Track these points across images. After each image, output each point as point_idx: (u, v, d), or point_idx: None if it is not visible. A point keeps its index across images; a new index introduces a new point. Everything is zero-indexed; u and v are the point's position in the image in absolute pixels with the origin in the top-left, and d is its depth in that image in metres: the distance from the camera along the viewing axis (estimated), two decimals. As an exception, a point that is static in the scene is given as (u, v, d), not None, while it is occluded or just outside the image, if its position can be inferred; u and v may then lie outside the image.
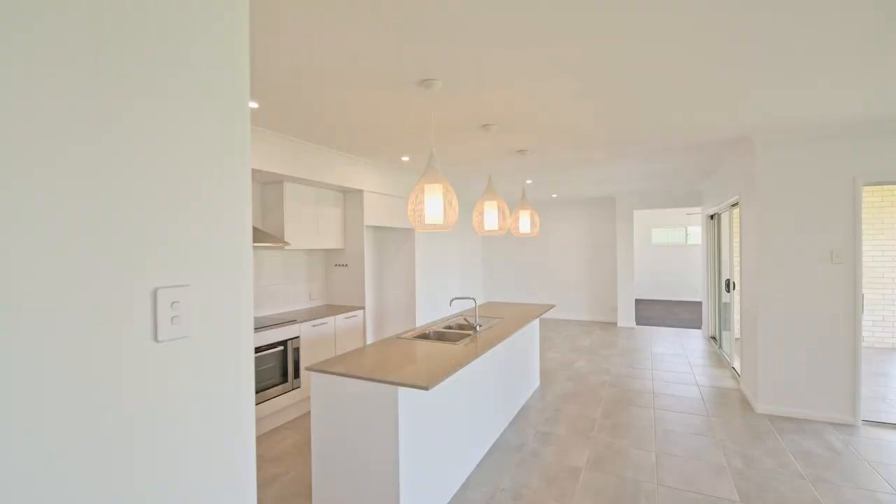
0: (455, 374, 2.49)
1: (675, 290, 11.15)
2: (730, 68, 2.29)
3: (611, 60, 2.20)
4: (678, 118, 3.16)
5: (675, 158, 4.61)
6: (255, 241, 3.44)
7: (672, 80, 2.45)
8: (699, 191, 7.14)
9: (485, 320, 3.68)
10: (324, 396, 2.23)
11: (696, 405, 3.91)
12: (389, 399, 2.04)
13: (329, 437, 2.22)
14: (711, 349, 5.97)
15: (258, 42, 1.97)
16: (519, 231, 4.14)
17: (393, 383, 1.99)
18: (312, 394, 2.27)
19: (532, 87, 2.51)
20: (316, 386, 2.26)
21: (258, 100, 2.71)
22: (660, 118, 3.15)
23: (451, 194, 2.42)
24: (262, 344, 3.39)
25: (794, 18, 1.81)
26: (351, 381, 2.15)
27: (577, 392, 4.26)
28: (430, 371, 2.15)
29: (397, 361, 2.37)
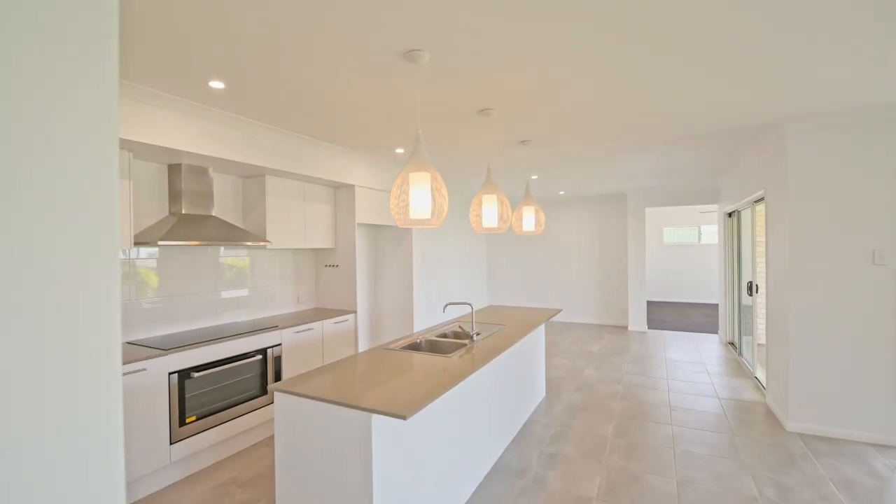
0: (446, 392, 2.15)
1: (688, 291, 10.71)
2: (759, 42, 1.93)
3: (625, 35, 1.85)
4: (700, 101, 2.80)
5: (693, 150, 4.24)
6: (230, 241, 3.13)
7: (694, 55, 2.09)
8: (716, 187, 6.73)
9: (484, 327, 3.34)
10: (289, 419, 1.91)
11: (718, 421, 3.53)
12: (362, 427, 1.71)
13: (295, 466, 1.89)
14: (730, 356, 5.58)
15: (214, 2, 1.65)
16: (522, 229, 3.79)
17: (365, 409, 1.66)
18: (276, 416, 1.95)
19: (536, 63, 2.17)
20: (280, 407, 1.94)
21: (223, 78, 2.39)
22: (680, 102, 2.78)
23: (440, 184, 2.08)
24: (235, 353, 3.07)
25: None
26: (318, 403, 1.82)
27: (587, 404, 3.90)
28: (412, 393, 1.82)
29: (378, 378, 2.04)
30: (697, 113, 3.06)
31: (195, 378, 2.82)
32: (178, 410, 2.74)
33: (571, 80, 2.43)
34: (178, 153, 2.90)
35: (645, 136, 3.66)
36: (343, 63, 2.19)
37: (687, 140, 3.84)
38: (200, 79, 2.38)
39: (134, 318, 3.00)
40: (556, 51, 2.07)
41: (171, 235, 2.83)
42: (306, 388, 1.91)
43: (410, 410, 1.59)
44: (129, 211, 2.70)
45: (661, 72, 2.32)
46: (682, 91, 2.62)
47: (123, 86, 2.44)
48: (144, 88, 2.52)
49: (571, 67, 2.25)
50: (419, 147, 2.06)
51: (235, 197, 3.71)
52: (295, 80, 2.42)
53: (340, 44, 1.99)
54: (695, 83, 2.49)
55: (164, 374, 2.66)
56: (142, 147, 2.69)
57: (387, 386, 1.92)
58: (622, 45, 2.02)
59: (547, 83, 2.46)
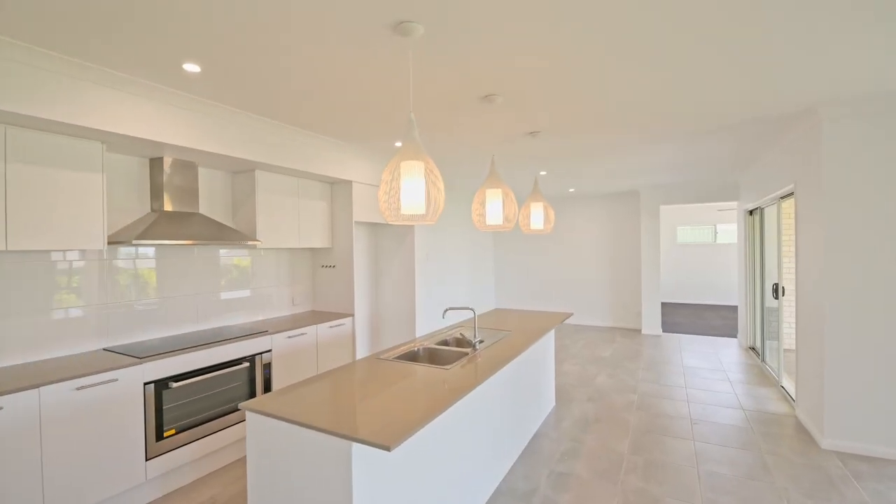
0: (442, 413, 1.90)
1: (704, 293, 10.33)
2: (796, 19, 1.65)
3: (646, 9, 1.59)
4: (727, 86, 2.51)
5: (715, 141, 3.93)
6: (216, 240, 2.91)
7: (723, 32, 1.82)
8: (735, 183, 6.39)
9: (489, 334, 3.08)
10: (262, 442, 1.67)
11: (744, 437, 3.23)
12: (341, 456, 1.47)
13: (267, 495, 1.66)
14: (752, 362, 5.25)
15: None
16: (530, 227, 3.53)
17: (344, 437, 1.41)
18: (248, 437, 1.71)
19: (546, 41, 1.90)
20: (252, 427, 1.70)
21: (198, 61, 2.16)
22: (705, 87, 2.50)
23: (435, 176, 1.83)
24: (220, 361, 2.85)
25: None
26: (292, 426, 1.58)
27: (600, 416, 3.62)
28: (402, 414, 1.57)
29: (366, 395, 1.79)
30: (723, 100, 2.77)
31: (174, 388, 2.60)
32: (156, 424, 2.52)
33: (586, 63, 2.16)
34: (160, 146, 2.69)
35: (664, 126, 3.38)
36: (327, 35, 1.95)
37: (709, 131, 3.55)
38: (173, 61, 2.16)
39: (111, 323, 2.80)
40: (571, 28, 1.80)
41: (150, 234, 2.61)
42: (281, 406, 1.67)
43: (395, 440, 1.34)
44: (101, 207, 2.49)
45: (685, 52, 2.05)
46: (708, 74, 2.34)
47: (94, 71, 2.23)
48: (118, 74, 2.30)
49: (587, 47, 1.99)
50: (412, 133, 1.81)
51: (224, 193, 3.50)
52: (275, 59, 2.18)
53: (322, 12, 1.74)
54: (722, 65, 2.21)
55: (139, 385, 2.45)
56: (118, 138, 2.48)
57: (374, 405, 1.68)
58: (641, 23, 1.75)
59: (558, 66, 2.20)
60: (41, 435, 2.07)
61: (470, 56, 2.12)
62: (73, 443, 2.18)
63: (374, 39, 1.95)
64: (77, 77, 2.18)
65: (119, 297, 2.84)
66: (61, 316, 2.58)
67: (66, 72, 2.14)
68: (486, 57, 2.13)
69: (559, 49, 2.04)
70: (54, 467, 2.11)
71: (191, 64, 2.19)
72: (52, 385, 2.11)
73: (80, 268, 2.67)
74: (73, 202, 2.38)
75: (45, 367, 2.33)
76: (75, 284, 2.64)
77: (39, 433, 2.07)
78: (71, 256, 2.63)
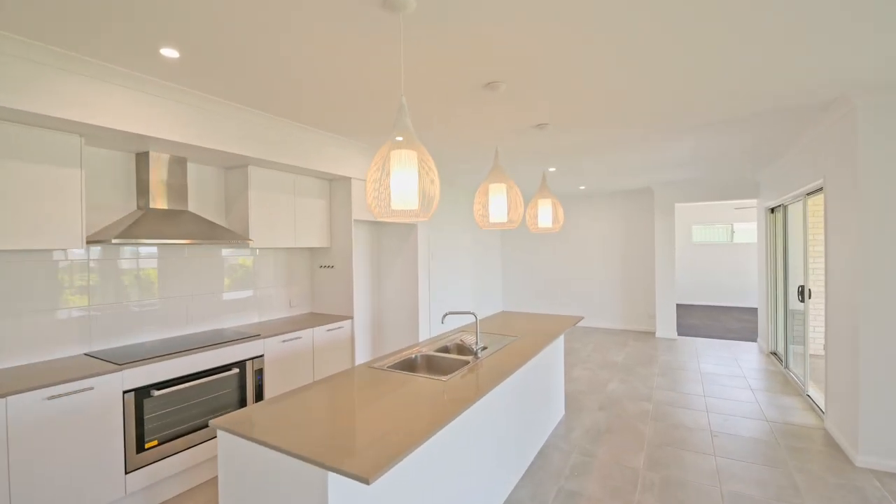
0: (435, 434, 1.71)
1: (720, 294, 9.99)
2: None
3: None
4: (751, 72, 2.28)
5: (737, 134, 3.68)
6: (204, 239, 2.75)
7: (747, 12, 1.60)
8: (754, 180, 6.10)
9: (494, 339, 2.88)
10: (233, 463, 1.50)
11: (769, 452, 2.99)
12: (317, 485, 1.28)
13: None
14: (774, 369, 4.97)
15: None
16: (538, 225, 3.32)
17: (318, 465, 1.23)
18: (220, 457, 1.54)
19: (554, 21, 1.70)
20: (224, 446, 1.53)
21: (176, 45, 2.00)
22: (727, 73, 2.27)
23: (429, 168, 1.64)
24: (207, 367, 2.69)
25: None
26: (265, 449, 1.40)
27: (612, 426, 3.40)
28: (389, 435, 1.39)
29: (350, 411, 1.61)
30: (746, 89, 2.54)
31: (156, 397, 2.45)
32: (136, 434, 2.37)
33: (600, 48, 1.95)
34: (145, 139, 2.54)
35: (683, 117, 3.14)
36: (309, 9, 1.77)
37: (731, 122, 3.30)
38: (149, 45, 2.00)
39: (94, 326, 2.66)
40: (581, 6, 1.60)
41: (131, 233, 2.46)
42: (256, 424, 1.50)
43: (375, 470, 1.15)
44: (80, 204, 2.35)
45: (707, 32, 1.83)
46: (732, 61, 2.11)
47: (64, 57, 2.08)
48: (92, 62, 2.15)
49: (601, 30, 1.78)
50: (403, 119, 1.63)
51: (216, 191, 3.35)
52: (257, 42, 2.01)
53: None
54: (747, 51, 1.98)
55: (118, 393, 2.29)
56: (97, 131, 2.33)
57: (358, 424, 1.50)
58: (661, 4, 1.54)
59: (568, 49, 1.99)
60: (8, 448, 1.93)
61: (468, 38, 1.92)
62: (44, 456, 2.03)
63: (363, 16, 1.76)
64: (47, 64, 2.03)
65: (103, 299, 2.70)
66: (39, 319, 2.44)
67: (35, 58, 1.99)
68: (485, 41, 1.93)
69: (570, 29, 1.84)
70: (23, 483, 1.96)
71: (168, 49, 2.03)
72: (21, 394, 1.97)
73: (60, 268, 2.53)
74: (49, 199, 2.24)
75: (17, 373, 2.19)
76: (54, 286, 2.50)
77: (6, 446, 1.92)
78: (51, 256, 2.49)
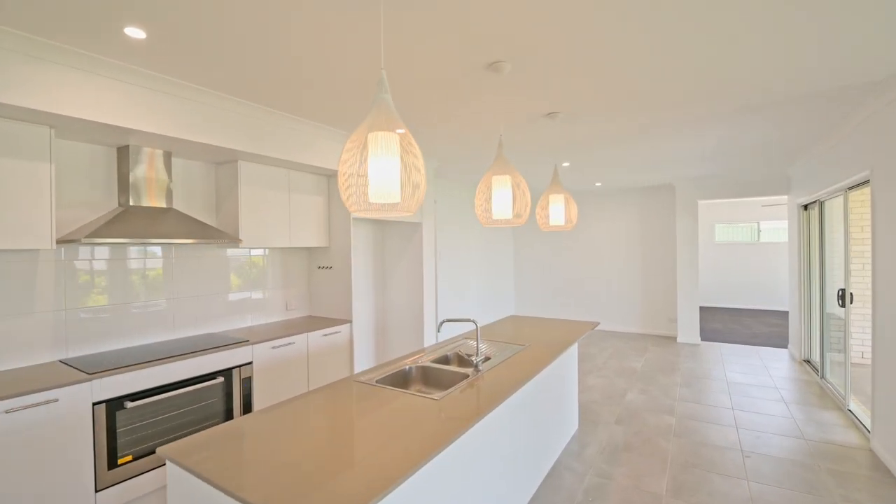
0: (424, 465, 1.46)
1: (744, 296, 9.51)
2: None
3: None
4: (789, 51, 1.97)
5: (770, 122, 3.34)
6: (185, 238, 2.57)
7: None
8: (784, 175, 5.69)
9: (500, 347, 2.63)
10: (182, 497, 1.28)
11: (810, 476, 2.66)
12: (268, 536, 1.05)
13: (192, 574, 1.26)
14: (808, 378, 4.58)
15: None
16: (549, 223, 3.05)
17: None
18: (169, 489, 1.33)
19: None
20: (172, 476, 1.31)
21: (141, 23, 1.80)
22: (762, 53, 1.97)
23: (414, 155, 1.40)
24: (188, 376, 2.50)
25: None
26: (216, 491, 1.18)
27: (630, 443, 3.11)
28: (367, 471, 1.15)
29: (324, 440, 1.38)
30: (784, 68, 2.23)
31: (130, 409, 2.27)
32: (108, 449, 2.19)
33: (617, 18, 1.68)
34: (123, 132, 2.36)
35: (709, 104, 2.84)
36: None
37: (763, 109, 2.98)
38: (111, 23, 1.81)
39: (70, 331, 2.49)
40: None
41: (105, 232, 2.29)
42: (208, 454, 1.28)
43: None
44: (49, 201, 2.18)
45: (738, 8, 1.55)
46: (768, 37, 1.81)
47: (34, 43, 1.90)
48: (54, 44, 1.97)
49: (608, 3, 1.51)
50: (383, 95, 1.39)
51: (206, 187, 3.17)
52: (232, 20, 1.80)
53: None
54: (786, 24, 1.69)
55: (87, 405, 2.11)
56: (71, 123, 2.16)
57: (329, 457, 1.26)
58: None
59: (582, 21, 1.73)
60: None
61: (465, 5, 1.67)
62: (2, 474, 1.85)
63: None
64: (8, 49, 1.86)
65: (80, 302, 2.54)
66: (10, 323, 2.28)
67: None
68: (486, 6, 1.68)
69: (572, 10, 1.58)
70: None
71: (133, 28, 1.84)
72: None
73: (33, 269, 2.37)
74: (14, 196, 2.07)
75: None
76: (27, 288, 2.34)
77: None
78: (24, 257, 2.33)
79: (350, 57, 2.12)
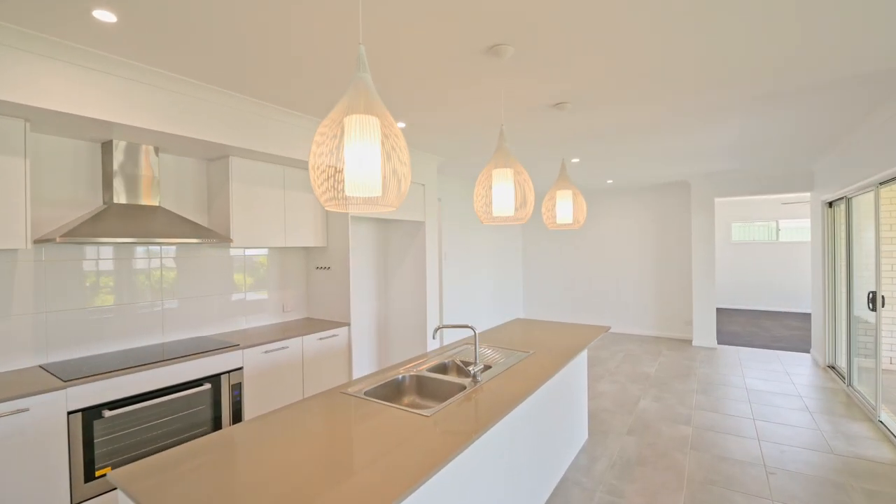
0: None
1: (763, 298, 9.18)
2: None
3: None
4: (833, 25, 1.77)
5: (792, 112, 3.12)
6: (170, 237, 2.44)
7: None
8: (808, 170, 5.41)
9: (504, 354, 2.45)
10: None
11: (842, 498, 2.44)
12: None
13: None
14: (834, 386, 4.32)
15: None
16: (556, 221, 2.87)
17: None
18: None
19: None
20: None
21: (108, 4, 1.66)
22: (797, 27, 1.77)
23: (396, 143, 1.24)
24: (173, 383, 2.37)
25: None
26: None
27: (644, 456, 2.91)
28: (354, 497, 0.99)
29: (300, 460, 1.23)
30: (821, 47, 2.02)
31: (109, 418, 2.14)
32: (84, 461, 2.07)
33: None
34: (105, 125, 2.24)
35: (734, 89, 2.62)
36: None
37: (789, 96, 2.76)
38: (79, 6, 1.67)
39: (51, 335, 2.38)
40: None
41: (84, 231, 2.16)
42: (161, 480, 1.13)
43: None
44: (23, 198, 2.06)
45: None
46: (805, 8, 1.61)
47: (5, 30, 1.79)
48: (22, 31, 1.85)
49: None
50: (361, 74, 1.23)
51: (197, 185, 3.04)
52: (209, 2, 1.65)
53: None
54: None
55: (61, 414, 1.99)
56: (47, 116, 2.04)
57: (303, 480, 1.11)
58: None
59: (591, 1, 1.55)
60: (-83, 483, 1.64)
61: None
62: (-35, 490, 1.74)
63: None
64: (-32, 32, 1.74)
65: (62, 304, 2.42)
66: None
67: (-48, 25, 1.70)
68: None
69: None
70: (-65, 523, 1.67)
71: (102, 11, 1.70)
72: (-66, 419, 1.68)
73: (9, 270, 2.26)
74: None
75: (-53, 392, 1.91)
76: (2, 290, 2.23)
77: (-84, 480, 1.64)
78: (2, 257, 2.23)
79: (338, 40, 1.97)
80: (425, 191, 4.32)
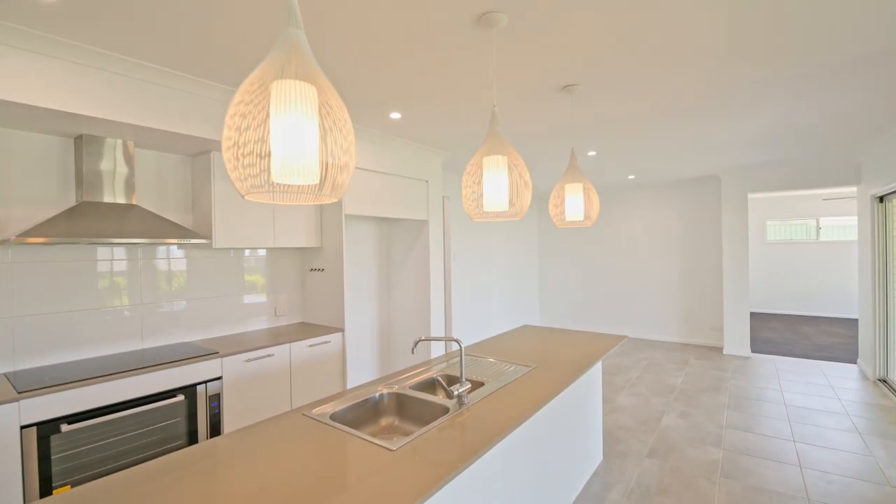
0: None
1: (802, 302, 8.53)
2: None
3: None
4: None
5: (839, 90, 2.72)
6: (142, 237, 2.27)
7: None
8: (854, 161, 4.90)
9: (501, 368, 2.17)
10: None
11: (907, 542, 2.06)
12: None
13: None
14: (887, 403, 3.84)
15: None
16: (565, 218, 2.57)
17: None
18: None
19: None
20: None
21: (38, -27, 1.48)
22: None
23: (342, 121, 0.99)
24: (141, 394, 2.19)
25: None
26: None
27: (666, 484, 2.57)
28: None
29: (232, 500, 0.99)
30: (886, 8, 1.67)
31: (67, 432, 1.97)
32: (40, 479, 1.90)
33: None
34: (71, 118, 2.09)
35: (771, 64, 2.27)
36: None
37: (844, 69, 2.38)
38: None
39: (17, 340, 2.24)
40: None
41: (44, 231, 2.01)
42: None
43: None
44: (-23, 195, 1.92)
45: None
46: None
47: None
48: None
49: None
50: (293, 29, 0.98)
51: (180, 182, 2.88)
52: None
53: None
54: None
55: (13, 429, 1.83)
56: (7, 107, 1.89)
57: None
58: None
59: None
60: None
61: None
62: None
63: None
64: None
65: (32, 309, 2.28)
66: (-57, 334, 2.04)
67: None
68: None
69: None
70: None
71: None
72: None
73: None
74: (-66, 188, 1.82)
75: None
76: (-35, 294, 2.10)
77: None
78: (-38, 259, 2.10)
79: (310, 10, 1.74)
80: (429, 188, 4.07)
